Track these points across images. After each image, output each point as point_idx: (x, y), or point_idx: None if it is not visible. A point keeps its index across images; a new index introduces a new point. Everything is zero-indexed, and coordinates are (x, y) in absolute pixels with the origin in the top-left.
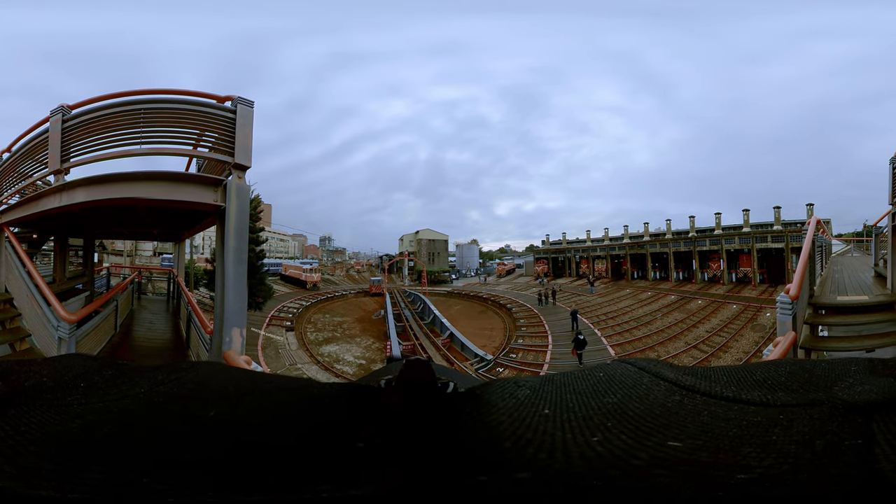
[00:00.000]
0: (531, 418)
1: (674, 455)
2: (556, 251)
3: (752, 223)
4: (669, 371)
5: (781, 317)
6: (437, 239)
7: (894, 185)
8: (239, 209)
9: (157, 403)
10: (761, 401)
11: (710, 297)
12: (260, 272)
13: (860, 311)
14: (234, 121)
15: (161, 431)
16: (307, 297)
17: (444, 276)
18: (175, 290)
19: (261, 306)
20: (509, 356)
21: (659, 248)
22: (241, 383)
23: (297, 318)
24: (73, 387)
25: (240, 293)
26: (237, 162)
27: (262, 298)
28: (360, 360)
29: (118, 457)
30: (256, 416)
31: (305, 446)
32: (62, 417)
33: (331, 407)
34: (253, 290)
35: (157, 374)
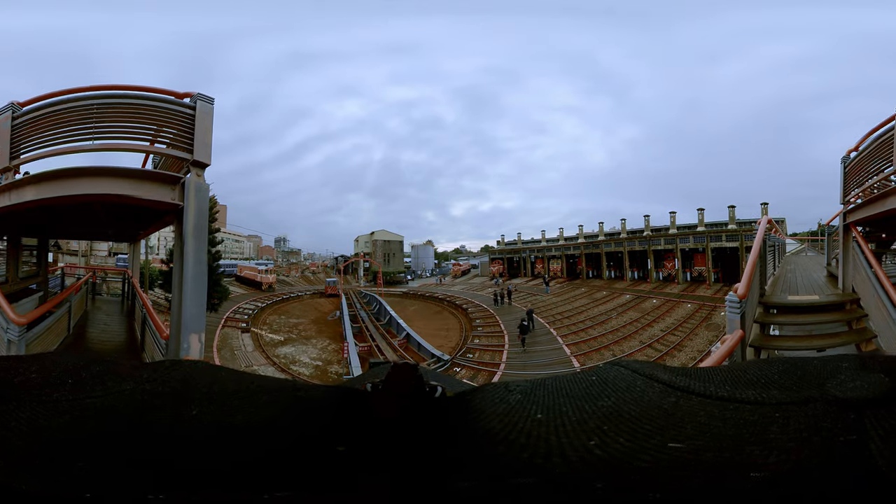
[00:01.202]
0: (524, 423)
1: (677, 456)
2: (512, 251)
3: (707, 222)
4: (663, 373)
5: (730, 315)
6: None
7: (845, 185)
8: (198, 208)
9: (142, 401)
10: (756, 399)
11: (664, 296)
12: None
13: (811, 310)
14: (193, 117)
15: (143, 429)
16: (263, 298)
17: (399, 277)
18: (130, 291)
19: (216, 307)
20: (466, 356)
21: (614, 247)
22: (226, 383)
23: (253, 319)
24: (60, 383)
25: (199, 296)
26: (196, 159)
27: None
28: (316, 362)
29: (101, 453)
30: (238, 417)
31: (284, 448)
32: (50, 413)
33: (315, 409)
34: (209, 291)
35: (143, 371)
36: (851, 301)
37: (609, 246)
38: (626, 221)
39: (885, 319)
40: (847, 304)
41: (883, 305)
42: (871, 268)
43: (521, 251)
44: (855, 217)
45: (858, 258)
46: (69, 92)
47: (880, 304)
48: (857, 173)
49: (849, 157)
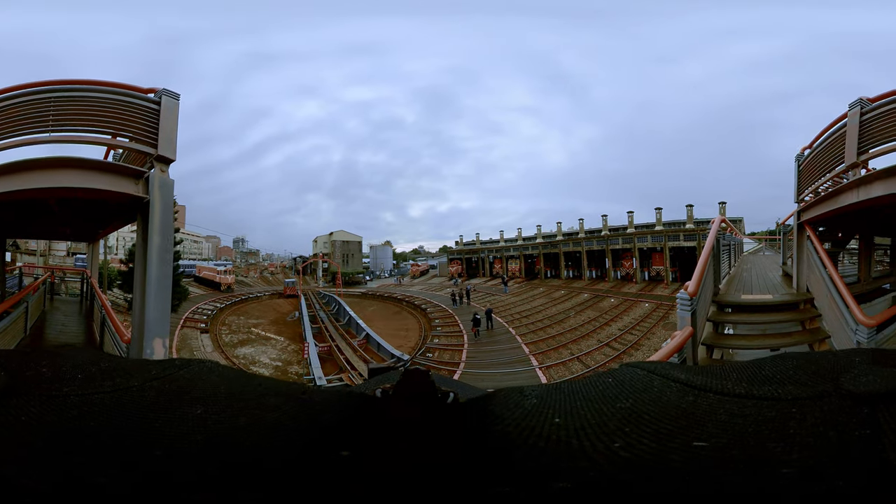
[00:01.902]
0: (541, 427)
1: (705, 455)
2: (470, 252)
3: (665, 221)
4: (679, 372)
5: (681, 312)
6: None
7: (800, 183)
8: (163, 203)
9: (148, 398)
10: (773, 395)
11: (622, 295)
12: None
13: (765, 310)
14: (157, 112)
15: (147, 426)
16: (222, 298)
17: (358, 278)
18: (88, 291)
19: (176, 308)
20: (426, 355)
21: (572, 247)
22: (233, 384)
23: (212, 319)
24: (70, 378)
25: (163, 298)
26: (160, 154)
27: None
28: (276, 363)
29: (103, 449)
30: (242, 419)
31: (286, 451)
32: (59, 408)
33: (321, 414)
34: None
35: (152, 368)
36: (805, 301)
37: (567, 245)
38: (584, 221)
39: (838, 320)
40: (801, 304)
41: (836, 306)
42: (824, 268)
43: (479, 251)
44: (809, 215)
45: (812, 257)
46: (27, 86)
47: (833, 304)
48: (811, 171)
49: (803, 154)
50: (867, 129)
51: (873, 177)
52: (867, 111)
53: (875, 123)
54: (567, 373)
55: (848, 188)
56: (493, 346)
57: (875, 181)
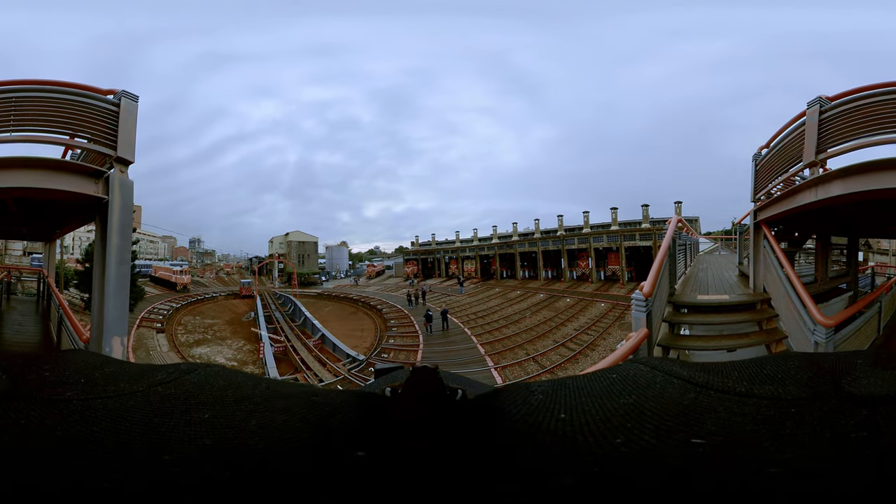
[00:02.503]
0: (548, 422)
1: (701, 452)
2: (426, 252)
3: (621, 221)
4: (682, 369)
5: (635, 313)
6: (306, 241)
7: (756, 183)
8: (123, 204)
9: (153, 403)
10: (773, 395)
11: (578, 295)
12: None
13: (721, 310)
14: (117, 114)
15: (153, 430)
16: (178, 298)
17: (314, 278)
18: (45, 290)
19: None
20: (381, 356)
21: (528, 247)
22: (241, 388)
23: (168, 319)
24: (73, 382)
25: (122, 297)
26: (120, 156)
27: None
28: (231, 362)
29: (108, 453)
30: (252, 422)
31: (297, 453)
32: (61, 412)
33: (332, 414)
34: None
35: (158, 373)
36: (762, 301)
37: (523, 246)
38: (539, 221)
39: (795, 320)
40: (758, 304)
41: (793, 306)
42: (781, 267)
43: (435, 252)
44: (766, 215)
45: (769, 257)
46: None
47: (790, 304)
48: (769, 171)
49: (760, 154)
50: (826, 128)
51: (832, 176)
52: (826, 110)
53: (834, 122)
54: (523, 373)
55: (806, 187)
56: (449, 346)
57: (834, 180)
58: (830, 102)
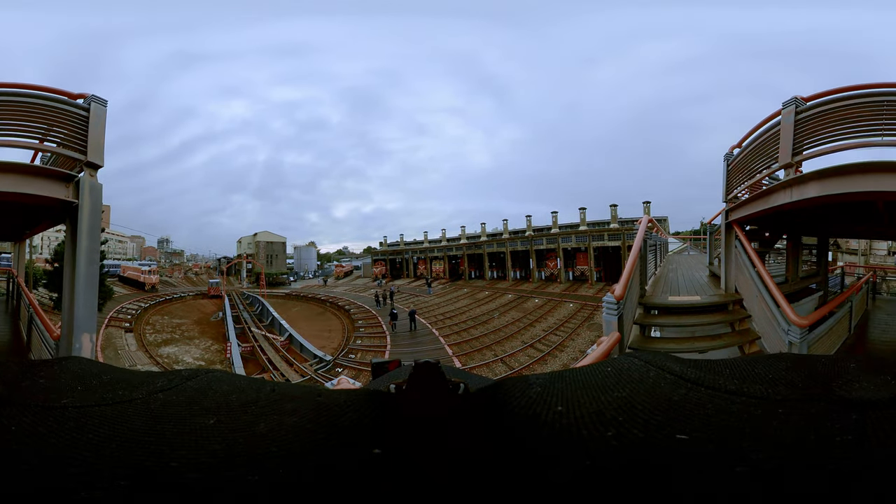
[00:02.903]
0: (545, 415)
1: (683, 448)
2: (394, 252)
3: (589, 221)
4: (675, 364)
5: (607, 317)
6: (275, 241)
7: (728, 182)
8: (92, 207)
9: (154, 409)
10: (762, 394)
11: (547, 295)
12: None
13: (693, 311)
14: (87, 119)
15: (156, 437)
16: (146, 298)
17: (282, 279)
18: (15, 290)
19: (100, 307)
20: (348, 356)
21: (496, 247)
22: (246, 392)
23: (137, 319)
24: (69, 389)
25: (91, 296)
26: (90, 160)
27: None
28: (199, 362)
29: (107, 460)
30: (261, 425)
31: (312, 454)
32: (55, 419)
33: (340, 414)
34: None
35: (158, 380)
36: (734, 302)
37: (491, 246)
38: (508, 222)
39: (768, 321)
40: (730, 305)
41: (766, 306)
42: (753, 267)
43: (403, 252)
44: (738, 215)
45: (741, 257)
46: None
47: (763, 304)
48: (741, 170)
49: (732, 153)
50: (802, 129)
51: (808, 177)
52: (802, 111)
53: (810, 124)
54: (491, 374)
55: (781, 188)
56: (416, 346)
57: (810, 182)
58: (806, 103)
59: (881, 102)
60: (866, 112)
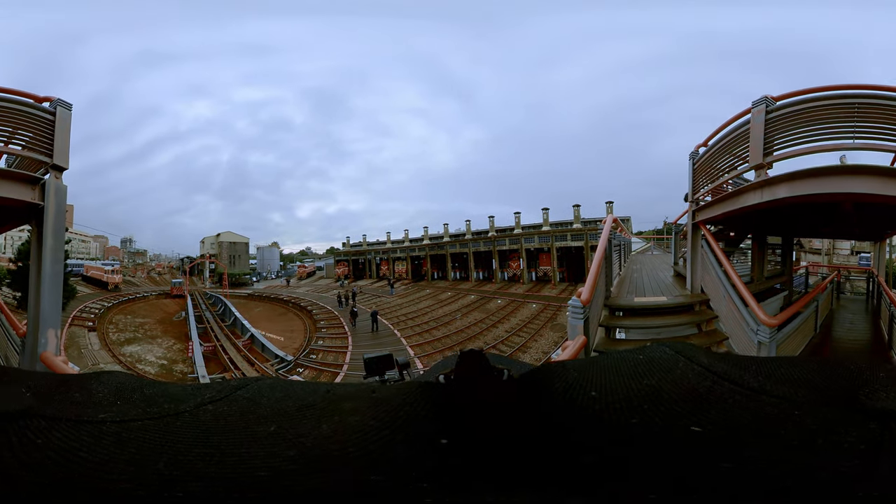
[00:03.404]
0: (580, 400)
1: (695, 441)
2: (357, 253)
3: (552, 222)
4: (704, 356)
5: (572, 321)
6: (238, 241)
7: (694, 182)
8: (57, 209)
9: (205, 422)
10: (783, 395)
11: (510, 296)
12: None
13: (659, 312)
14: (52, 122)
15: (213, 449)
16: (109, 297)
17: (245, 279)
18: None
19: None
20: (310, 357)
21: (459, 248)
22: (301, 396)
23: (100, 318)
24: (107, 403)
25: (56, 294)
26: (55, 163)
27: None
28: (161, 361)
29: (153, 475)
30: (324, 427)
31: (379, 452)
32: (91, 434)
33: (398, 408)
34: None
35: (205, 392)
36: (701, 302)
37: (454, 247)
38: (471, 222)
39: (736, 321)
40: (696, 306)
41: (734, 306)
42: (721, 267)
43: (366, 253)
44: (706, 215)
45: (707, 257)
46: None
47: (731, 304)
48: (708, 169)
49: (697, 153)
50: (773, 130)
51: (779, 179)
52: (773, 110)
53: (781, 124)
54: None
55: (752, 188)
56: (378, 348)
57: (780, 183)
58: (776, 103)
59: (853, 105)
60: (839, 113)
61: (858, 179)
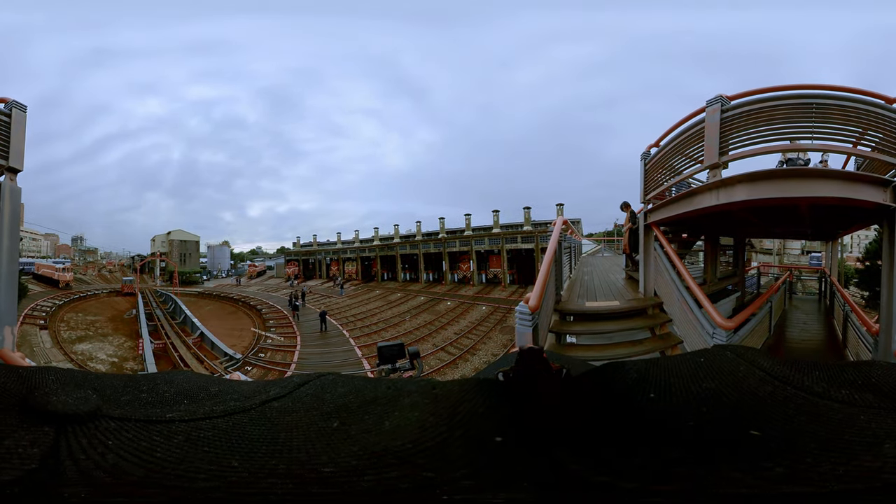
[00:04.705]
0: (639, 400)
1: (755, 443)
2: (307, 253)
3: (503, 224)
4: (765, 360)
5: (520, 328)
6: (188, 240)
7: (646, 183)
8: (12, 210)
9: (272, 418)
10: (848, 399)
11: (459, 298)
12: None
13: (611, 317)
14: (8, 124)
15: (283, 445)
16: (60, 295)
17: (195, 277)
18: None
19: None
20: (258, 355)
21: (409, 249)
22: (362, 392)
23: (51, 316)
24: (174, 402)
25: (12, 292)
26: (11, 165)
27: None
28: (112, 359)
29: (219, 469)
30: (386, 423)
31: (435, 448)
32: (162, 433)
33: (457, 405)
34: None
35: (271, 389)
36: (654, 305)
37: (404, 248)
38: (421, 224)
39: (690, 323)
40: (649, 309)
41: (689, 309)
42: (674, 269)
43: (316, 253)
44: (658, 217)
45: (661, 260)
46: None
47: (685, 307)
48: (660, 170)
49: (649, 153)
50: (729, 129)
51: (736, 180)
52: (728, 109)
53: (737, 123)
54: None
55: (707, 189)
56: (327, 348)
57: (738, 184)
58: (731, 102)
59: (810, 105)
60: (796, 113)
61: (819, 183)
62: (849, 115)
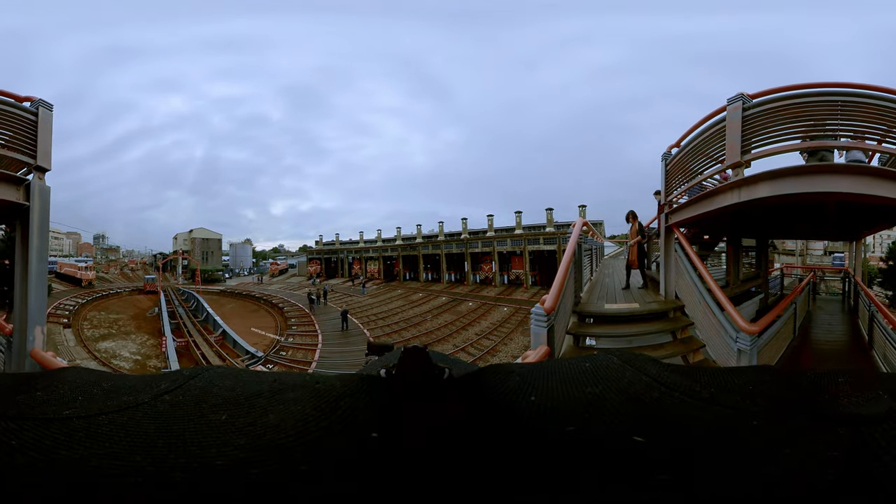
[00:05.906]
0: (519, 404)
1: (638, 450)
2: (329, 252)
3: (525, 225)
4: (653, 366)
5: (535, 329)
6: (211, 238)
7: (667, 183)
8: (42, 209)
9: (164, 411)
10: (738, 405)
11: (481, 299)
12: None
13: (631, 320)
14: (35, 123)
15: (175, 438)
16: (83, 294)
17: (217, 275)
18: None
19: None
20: (279, 354)
21: (431, 249)
22: (249, 386)
23: (74, 315)
24: (70, 399)
25: (42, 292)
26: (39, 164)
27: None
28: (135, 357)
29: (131, 467)
30: (270, 416)
31: (314, 442)
32: (62, 431)
33: (337, 399)
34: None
35: (162, 382)
36: (675, 308)
37: (426, 248)
38: (444, 224)
39: (714, 327)
40: (671, 312)
41: (711, 312)
42: (696, 271)
43: (338, 252)
44: (679, 217)
45: (682, 262)
46: None
47: (707, 310)
48: (681, 170)
49: (670, 153)
50: (751, 127)
51: (759, 178)
52: (750, 107)
53: (759, 121)
54: None
55: (728, 188)
56: (347, 347)
57: (760, 182)
58: (752, 100)
59: (835, 102)
60: (820, 112)
61: (845, 179)
62: (875, 112)
